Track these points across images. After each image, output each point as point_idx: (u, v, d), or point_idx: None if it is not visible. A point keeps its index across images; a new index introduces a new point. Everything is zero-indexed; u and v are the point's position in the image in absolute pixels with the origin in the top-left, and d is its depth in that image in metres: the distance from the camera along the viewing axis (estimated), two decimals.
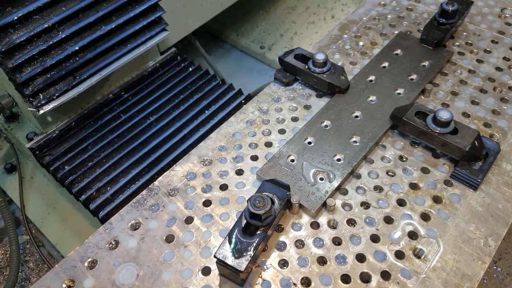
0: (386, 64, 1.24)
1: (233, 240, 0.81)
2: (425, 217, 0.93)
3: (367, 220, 0.92)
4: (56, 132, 1.52)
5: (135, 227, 0.93)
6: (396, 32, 1.36)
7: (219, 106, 1.68)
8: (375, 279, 0.83)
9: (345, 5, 2.73)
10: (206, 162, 1.05)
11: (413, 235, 0.90)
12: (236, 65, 2.61)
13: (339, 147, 1.04)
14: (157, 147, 1.53)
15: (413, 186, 0.98)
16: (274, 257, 0.87)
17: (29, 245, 1.94)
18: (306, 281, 0.84)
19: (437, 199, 0.96)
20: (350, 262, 0.86)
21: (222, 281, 0.84)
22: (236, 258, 0.79)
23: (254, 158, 1.05)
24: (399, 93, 1.16)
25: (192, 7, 1.92)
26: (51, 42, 1.24)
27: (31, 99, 1.29)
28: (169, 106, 1.64)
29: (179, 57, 1.82)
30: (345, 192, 0.98)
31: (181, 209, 0.96)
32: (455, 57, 1.28)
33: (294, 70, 1.20)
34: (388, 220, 0.93)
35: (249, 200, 0.82)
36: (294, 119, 1.13)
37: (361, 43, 1.34)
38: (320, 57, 1.15)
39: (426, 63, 1.23)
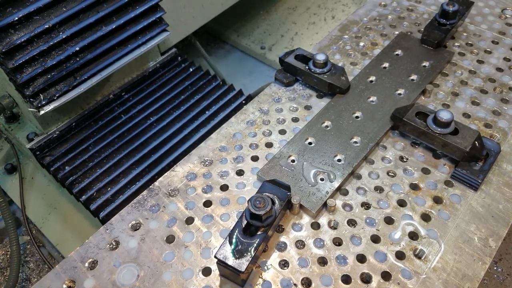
0: (386, 64, 1.24)
1: (234, 240, 0.81)
2: (425, 217, 0.93)
3: (367, 220, 0.92)
4: (57, 132, 1.52)
5: (135, 228, 0.93)
6: (397, 32, 1.36)
7: (220, 107, 1.68)
8: (376, 279, 0.83)
9: (346, 5, 2.74)
10: (207, 163, 1.05)
11: (413, 235, 0.90)
12: (237, 66, 2.61)
13: (340, 147, 1.04)
14: (157, 147, 1.53)
15: (414, 187, 0.98)
16: (274, 258, 0.87)
17: (30, 246, 1.94)
18: (306, 282, 0.84)
19: (437, 200, 0.96)
20: (351, 263, 0.86)
21: (222, 282, 0.84)
22: (236, 258, 0.79)
23: (255, 158, 1.05)
24: (399, 94, 1.16)
25: (193, 7, 1.92)
26: (51, 43, 1.24)
27: (32, 99, 1.29)
28: (169, 107, 1.64)
29: (179, 57, 1.82)
30: (346, 193, 0.98)
31: (182, 209, 0.96)
32: (456, 58, 1.28)
33: (295, 70, 1.20)
34: (389, 220, 0.92)
35: (249, 200, 0.82)
36: (295, 120, 1.13)
37: (361, 44, 1.34)
38: (320, 57, 1.15)
39: (427, 64, 1.23)
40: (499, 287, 1.79)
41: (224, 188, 0.99)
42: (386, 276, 0.84)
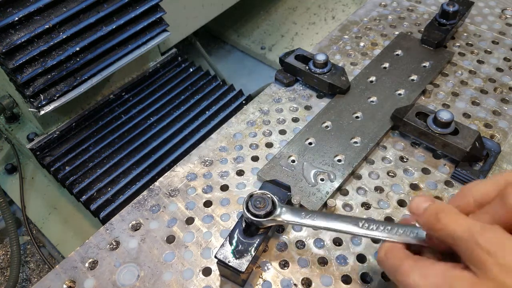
0: (386, 64, 1.24)
1: (234, 240, 0.81)
2: None
3: None
4: (57, 132, 1.52)
5: (135, 228, 0.93)
6: (397, 32, 1.36)
7: (220, 107, 1.68)
8: (376, 279, 0.83)
9: (346, 5, 2.74)
10: (207, 163, 1.05)
11: None
12: (237, 66, 2.61)
13: (340, 147, 1.04)
14: (157, 147, 1.54)
15: (414, 187, 0.98)
16: (274, 258, 0.87)
17: (30, 246, 1.94)
18: (306, 282, 0.84)
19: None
20: (351, 263, 0.86)
21: (222, 282, 0.84)
22: (236, 258, 0.79)
23: (255, 158, 1.05)
24: (399, 94, 1.16)
25: (193, 8, 1.92)
26: (51, 43, 1.24)
27: (32, 99, 1.29)
28: (170, 107, 1.64)
29: (180, 57, 1.82)
30: (346, 193, 0.98)
31: (182, 209, 0.96)
32: (456, 58, 1.28)
33: (295, 70, 1.20)
34: (389, 220, 0.92)
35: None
36: (295, 120, 1.13)
37: (361, 44, 1.34)
38: (320, 57, 1.15)
39: (427, 64, 1.23)
40: None
41: (224, 188, 1.00)
42: (386, 276, 0.84)
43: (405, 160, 1.04)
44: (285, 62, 1.21)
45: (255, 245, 0.81)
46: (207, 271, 0.86)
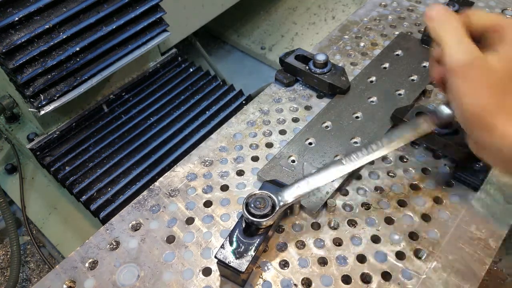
0: (386, 64, 1.24)
1: (234, 240, 0.81)
2: (425, 217, 0.93)
3: (367, 220, 0.92)
4: (57, 133, 1.52)
5: (135, 228, 0.93)
6: (397, 32, 1.36)
7: (220, 107, 1.68)
8: (376, 279, 0.83)
9: (346, 5, 2.74)
10: (207, 163, 1.05)
11: (413, 235, 0.90)
12: (237, 66, 2.61)
13: (340, 147, 1.04)
14: (157, 147, 1.54)
15: (414, 187, 0.98)
16: (274, 258, 0.87)
17: (30, 246, 1.94)
18: (307, 282, 0.84)
19: (437, 200, 0.96)
20: (351, 263, 0.86)
21: (222, 282, 0.84)
22: (236, 258, 0.79)
23: (255, 158, 1.05)
24: (399, 94, 1.16)
25: (193, 8, 1.92)
26: (52, 43, 1.24)
27: (32, 100, 1.29)
28: (170, 107, 1.64)
29: (180, 58, 1.82)
30: (346, 193, 0.98)
31: (182, 209, 0.96)
32: None
33: (295, 71, 1.20)
34: (389, 220, 0.92)
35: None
36: (295, 120, 1.13)
37: (361, 44, 1.34)
38: (320, 57, 1.15)
39: (427, 64, 1.23)
40: (499, 287, 1.79)
41: (224, 188, 0.99)
42: (386, 276, 0.84)
43: (405, 160, 1.04)
44: (285, 62, 1.21)
45: (255, 245, 0.81)
46: (207, 271, 0.86)
